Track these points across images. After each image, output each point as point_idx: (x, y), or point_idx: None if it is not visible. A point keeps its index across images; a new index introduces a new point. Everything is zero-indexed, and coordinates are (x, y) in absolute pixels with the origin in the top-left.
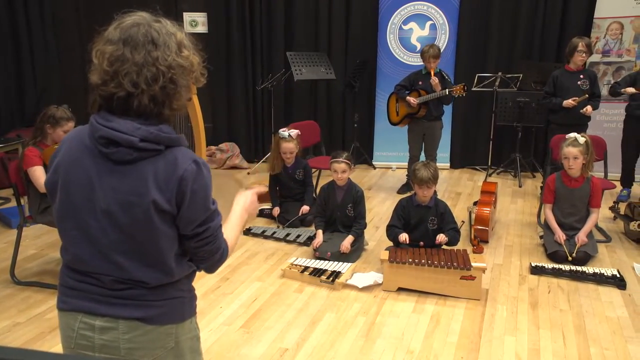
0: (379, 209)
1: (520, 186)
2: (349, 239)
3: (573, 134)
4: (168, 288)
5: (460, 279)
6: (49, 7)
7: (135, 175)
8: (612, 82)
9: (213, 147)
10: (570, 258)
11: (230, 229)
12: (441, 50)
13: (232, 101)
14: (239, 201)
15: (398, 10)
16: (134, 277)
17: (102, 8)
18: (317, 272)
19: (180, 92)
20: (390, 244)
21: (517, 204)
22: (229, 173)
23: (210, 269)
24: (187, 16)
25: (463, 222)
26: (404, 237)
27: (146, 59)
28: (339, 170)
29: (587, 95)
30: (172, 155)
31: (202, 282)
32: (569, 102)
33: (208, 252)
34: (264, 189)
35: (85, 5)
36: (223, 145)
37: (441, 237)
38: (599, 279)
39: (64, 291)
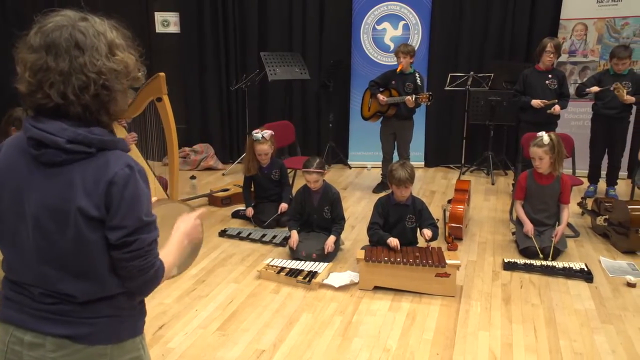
0: (355, 209)
1: (493, 184)
2: (332, 238)
3: (542, 133)
4: (101, 304)
5: (435, 276)
6: (11, 3)
7: (64, 178)
8: (579, 82)
9: (187, 149)
10: (541, 255)
11: (165, 254)
12: (414, 50)
13: (206, 102)
14: (179, 226)
15: (371, 11)
16: (60, 290)
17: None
18: (294, 273)
19: (116, 97)
20: (367, 242)
21: (490, 201)
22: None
23: (141, 290)
24: (159, 16)
25: (438, 219)
26: (394, 242)
27: (72, 66)
28: (311, 180)
29: (555, 101)
30: (104, 158)
31: (177, 285)
32: (537, 102)
33: (137, 267)
34: (206, 211)
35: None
36: (197, 147)
37: (427, 232)
38: (568, 273)
39: (3, 301)
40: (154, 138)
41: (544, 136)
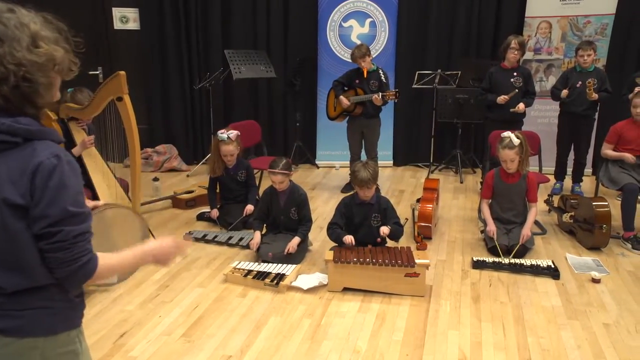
0: (323, 209)
1: (461, 182)
2: (296, 239)
3: (507, 134)
4: (31, 296)
5: (405, 276)
6: None
7: None
8: (544, 79)
9: (149, 150)
10: (501, 255)
11: (115, 256)
12: (370, 48)
13: (169, 101)
14: (150, 245)
15: (338, 7)
16: None
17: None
18: (261, 275)
19: (39, 90)
20: (334, 243)
21: (459, 199)
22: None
23: (68, 282)
24: (117, 12)
25: (407, 219)
26: (349, 239)
27: None
28: (276, 181)
29: (516, 90)
30: (31, 147)
31: (139, 290)
32: (501, 99)
33: (61, 260)
34: (187, 245)
35: None
36: (160, 147)
37: (384, 229)
38: (536, 271)
39: None
40: (115, 139)
41: (512, 137)
